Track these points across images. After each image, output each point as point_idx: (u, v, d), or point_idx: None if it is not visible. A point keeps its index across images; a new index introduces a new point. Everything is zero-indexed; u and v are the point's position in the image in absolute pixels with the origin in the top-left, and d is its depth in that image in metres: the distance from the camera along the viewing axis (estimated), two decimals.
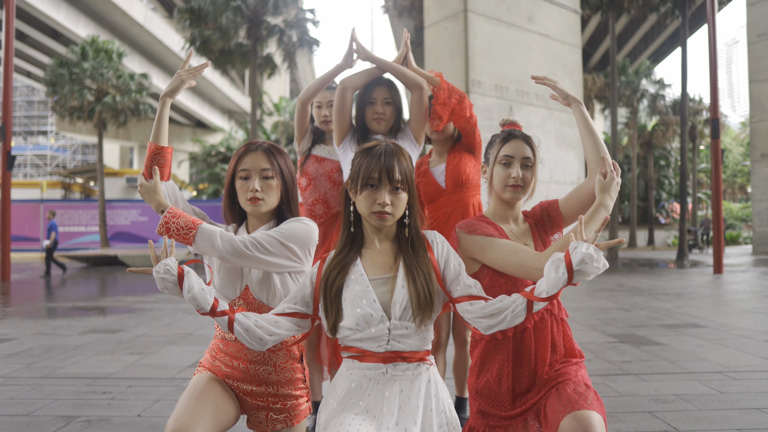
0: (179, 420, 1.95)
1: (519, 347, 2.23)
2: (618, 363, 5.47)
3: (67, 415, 3.98)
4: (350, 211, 2.12)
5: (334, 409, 1.95)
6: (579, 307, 9.73)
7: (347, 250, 2.09)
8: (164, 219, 2.12)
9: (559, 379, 2.16)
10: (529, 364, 2.21)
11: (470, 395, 2.34)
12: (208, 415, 2.03)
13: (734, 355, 5.73)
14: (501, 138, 2.40)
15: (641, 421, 3.79)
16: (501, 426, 2.22)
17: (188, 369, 5.36)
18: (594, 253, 1.82)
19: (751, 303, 10.02)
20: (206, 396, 2.11)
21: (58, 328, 7.77)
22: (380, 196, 1.99)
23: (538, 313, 2.19)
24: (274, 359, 2.26)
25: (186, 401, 2.06)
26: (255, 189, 2.23)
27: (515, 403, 2.22)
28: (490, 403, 2.25)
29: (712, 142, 17.26)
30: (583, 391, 2.05)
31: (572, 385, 2.09)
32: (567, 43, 15.62)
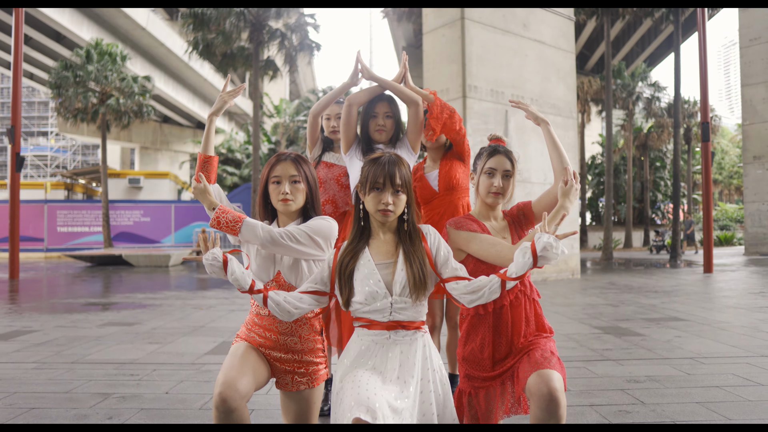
0: (227, 375, 2.44)
1: (498, 321, 2.74)
2: (600, 351, 5.95)
3: (102, 393, 4.47)
4: (360, 209, 2.61)
5: (348, 367, 2.45)
6: (570, 302, 10.21)
7: (357, 240, 2.59)
8: (215, 215, 2.63)
9: (530, 347, 2.67)
10: (506, 335, 2.72)
11: (459, 362, 2.86)
12: (248, 372, 2.53)
13: (707, 344, 6.22)
14: (487, 152, 2.93)
15: (613, 396, 4.28)
16: (483, 386, 2.74)
17: (205, 356, 5.85)
18: (554, 242, 2.32)
19: (734, 300, 10.49)
20: (246, 359, 2.61)
21: (77, 322, 8.24)
22: (384, 197, 2.49)
23: (512, 292, 2.71)
24: (299, 331, 2.75)
25: (230, 362, 2.56)
26: (285, 192, 2.73)
27: (495, 367, 2.73)
28: (474, 367, 2.76)
29: (703, 144, 17.75)
30: (549, 356, 2.56)
31: (540, 351, 2.60)
32: (561, 48, 16.07)
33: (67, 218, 31.77)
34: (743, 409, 3.95)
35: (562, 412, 2.37)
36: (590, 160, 47.83)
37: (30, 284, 14.89)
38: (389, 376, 2.39)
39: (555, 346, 2.74)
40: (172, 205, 33.09)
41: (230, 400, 2.36)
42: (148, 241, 32.20)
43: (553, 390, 2.36)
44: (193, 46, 24.66)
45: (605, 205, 25.34)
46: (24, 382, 4.79)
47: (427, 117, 3.84)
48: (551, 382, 2.39)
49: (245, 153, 42.44)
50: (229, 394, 2.37)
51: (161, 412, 3.99)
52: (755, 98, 26.84)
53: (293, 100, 60.56)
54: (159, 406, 4.14)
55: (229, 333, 7.24)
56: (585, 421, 3.77)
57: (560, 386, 2.40)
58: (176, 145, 57.55)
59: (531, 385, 2.43)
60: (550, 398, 2.35)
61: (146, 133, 54.37)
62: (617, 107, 39.16)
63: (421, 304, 2.53)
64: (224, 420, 2.36)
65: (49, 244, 31.29)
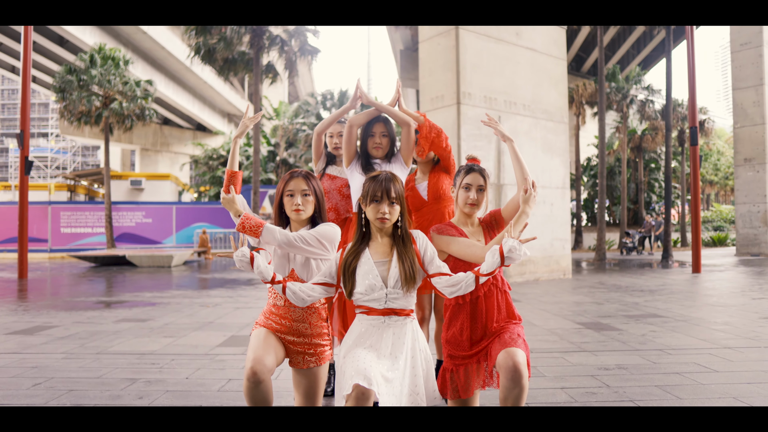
0: (256, 353, 3.04)
1: (474, 309, 3.35)
2: (578, 343, 6.51)
3: (130, 378, 5.02)
4: (362, 217, 3.23)
5: (350, 346, 3.08)
6: (558, 301, 10.75)
7: (359, 243, 3.20)
8: (241, 221, 3.22)
9: (501, 331, 3.29)
10: (481, 321, 3.33)
11: (442, 344, 3.48)
12: (272, 352, 3.13)
13: (679, 338, 6.77)
14: (464, 170, 3.56)
15: (583, 381, 4.84)
16: (462, 364, 3.34)
17: (218, 347, 6.39)
18: (517, 245, 2.93)
19: (715, 298, 11.02)
20: (267, 341, 3.20)
21: (93, 318, 8.77)
22: (382, 208, 3.11)
23: (486, 285, 3.32)
24: (309, 319, 3.35)
25: (256, 344, 3.15)
26: (298, 203, 3.33)
27: (472, 347, 3.34)
28: (455, 347, 3.37)
29: (691, 148, 18.30)
30: (515, 338, 3.17)
31: (509, 334, 3.22)
32: (552, 56, 16.60)
33: (70, 219, 32.30)
34: (695, 391, 4.50)
35: (524, 382, 2.95)
36: (586, 161, 48.41)
37: (39, 284, 15.41)
38: (383, 353, 2.99)
39: (522, 331, 3.35)
40: (173, 206, 33.65)
41: (259, 373, 2.95)
42: (149, 241, 32.75)
43: (517, 363, 2.95)
44: (195, 51, 25.20)
45: (599, 207, 25.85)
46: (58, 370, 5.33)
47: (417, 136, 4.44)
48: (515, 357, 2.98)
49: (245, 155, 42.95)
50: (259, 368, 2.96)
51: (184, 394, 4.54)
52: (746, 102, 27.42)
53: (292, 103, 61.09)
54: (182, 389, 4.69)
55: (237, 328, 7.78)
56: (555, 400, 4.32)
57: (523, 361, 2.98)
58: (176, 146, 58.11)
59: (499, 360, 3.03)
60: (515, 370, 2.94)
61: (147, 135, 54.94)
62: (612, 109, 39.71)
63: (411, 295, 3.14)
64: (254, 389, 2.94)
65: (53, 245, 31.83)
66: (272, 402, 3.06)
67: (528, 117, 15.56)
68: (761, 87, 26.82)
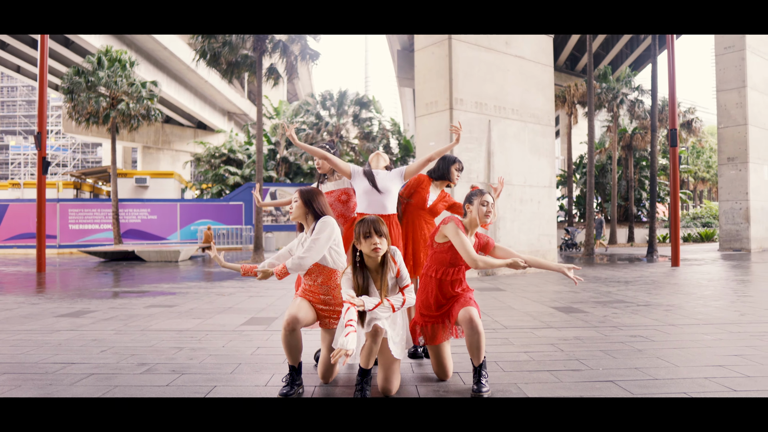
0: (291, 311, 4.33)
1: (440, 283, 4.67)
2: (547, 322, 7.68)
3: (176, 347, 6.16)
4: (357, 255, 4.39)
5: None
6: (540, 290, 11.89)
7: (360, 278, 4.36)
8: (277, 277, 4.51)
9: (459, 297, 4.61)
10: (445, 289, 4.66)
11: (416, 306, 4.81)
12: (303, 312, 4.39)
13: (635, 319, 7.93)
14: (480, 192, 4.77)
15: (543, 348, 6.00)
16: (431, 321, 4.68)
17: (242, 325, 7.55)
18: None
19: (683, 287, 12.13)
20: (302, 305, 4.46)
21: (124, 305, 9.88)
22: (374, 240, 4.26)
23: (456, 275, 4.64)
24: (333, 292, 4.60)
25: (293, 304, 4.44)
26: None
27: (437, 309, 4.66)
28: (425, 308, 4.70)
29: (671, 150, 19.42)
30: (469, 300, 4.51)
31: (464, 298, 4.56)
32: (540, 63, 17.71)
33: (78, 216, 33.32)
34: (629, 354, 5.66)
35: (480, 329, 4.27)
36: (578, 159, 49.50)
37: (59, 277, 16.46)
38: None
39: (472, 294, 4.67)
40: (177, 203, 34.67)
41: (293, 323, 4.26)
42: (155, 237, 33.81)
43: (472, 315, 4.27)
44: (200, 56, 26.16)
45: (587, 204, 26.91)
46: (115, 341, 6.48)
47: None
48: (471, 312, 4.31)
49: (246, 153, 43.95)
50: (293, 320, 4.27)
51: (224, 357, 5.68)
52: (729, 103, 28.56)
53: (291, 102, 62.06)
54: (221, 353, 5.84)
55: (255, 311, 8.92)
56: (517, 359, 5.48)
57: (476, 314, 4.31)
58: (178, 144, 59.12)
59: (459, 317, 4.37)
60: (471, 320, 4.26)
61: (149, 133, 55.94)
62: (604, 108, 40.79)
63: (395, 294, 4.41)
64: (289, 335, 4.26)
65: (61, 241, 32.85)
66: (302, 347, 4.37)
67: (516, 121, 16.67)
68: (743, 89, 27.96)
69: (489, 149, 15.88)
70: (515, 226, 16.25)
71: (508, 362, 5.37)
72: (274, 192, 35.43)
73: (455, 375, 4.89)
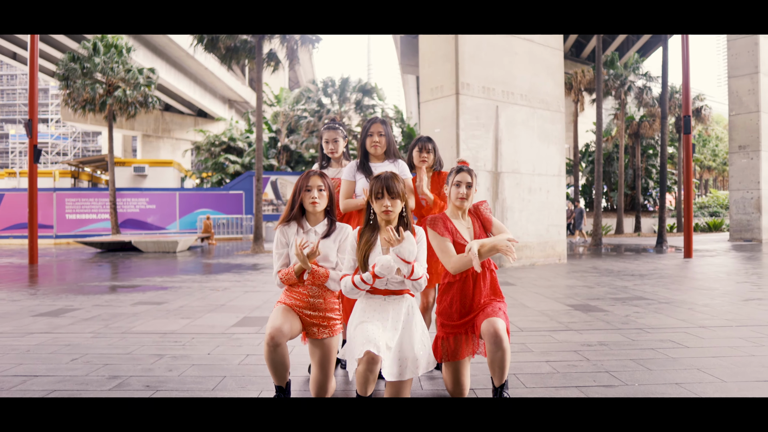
0: (274, 322, 3.67)
1: (463, 286, 3.97)
2: (565, 323, 7.04)
3: (157, 354, 5.54)
4: (370, 211, 3.81)
5: (358, 318, 3.68)
6: (551, 285, 11.27)
7: (370, 233, 3.77)
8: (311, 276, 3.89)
9: (486, 306, 3.90)
10: (469, 296, 3.97)
11: (437, 316, 4.10)
12: (288, 322, 3.73)
13: (659, 318, 7.30)
14: (455, 171, 4.13)
15: (566, 356, 5.36)
16: (453, 332, 3.98)
17: (233, 327, 6.92)
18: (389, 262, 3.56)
19: (701, 282, 11.54)
20: (285, 314, 3.80)
21: (111, 302, 9.28)
22: (384, 202, 3.66)
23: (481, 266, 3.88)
24: (324, 295, 3.93)
25: (275, 315, 3.76)
26: (314, 197, 3.91)
27: (460, 318, 3.96)
28: (446, 318, 4.01)
29: (684, 137, 18.78)
30: (497, 311, 3.79)
31: (491, 307, 3.84)
32: (549, 46, 17.03)
33: (75, 206, 32.79)
34: (664, 364, 5.02)
35: (505, 345, 3.57)
36: (584, 147, 48.88)
37: (51, 269, 15.90)
38: (387, 326, 3.59)
39: (504, 306, 3.96)
40: (176, 192, 34.11)
41: (276, 338, 3.60)
42: (153, 227, 33.26)
43: (498, 330, 3.57)
44: (198, 40, 25.55)
45: (596, 193, 26.33)
46: (90, 347, 5.86)
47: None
48: (496, 325, 3.60)
49: (246, 141, 43.35)
50: (276, 334, 3.61)
51: (209, 367, 5.05)
52: (741, 89, 27.84)
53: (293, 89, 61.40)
54: (205, 362, 5.21)
55: (248, 310, 8.30)
56: (539, 371, 4.84)
57: (503, 328, 3.60)
58: (178, 132, 58.55)
59: (483, 329, 3.65)
60: (496, 335, 3.56)
61: (148, 122, 55.38)
62: (611, 96, 40.12)
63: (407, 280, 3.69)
64: (273, 352, 3.60)
65: (58, 231, 32.33)
66: (289, 364, 3.72)
67: (525, 107, 16.02)
68: (756, 75, 27.25)
69: (496, 136, 15.24)
70: (523, 216, 15.63)
71: (529, 375, 4.74)
72: (275, 180, 34.81)
73: (471, 391, 4.26)
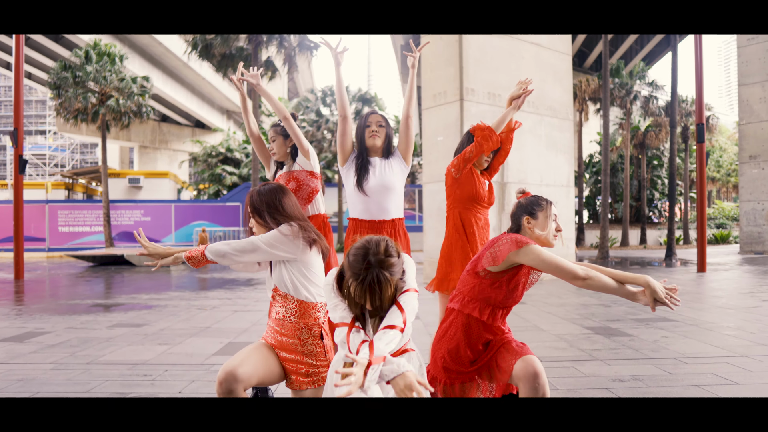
0: (230, 363, 2.83)
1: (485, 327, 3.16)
2: (588, 351, 6.24)
3: (119, 392, 4.75)
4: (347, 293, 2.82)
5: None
6: (563, 303, 10.49)
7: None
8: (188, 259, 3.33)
9: (503, 342, 3.12)
10: (485, 337, 3.15)
11: (438, 354, 3.20)
12: (251, 363, 2.90)
13: (692, 345, 6.51)
14: (544, 202, 3.36)
15: (597, 395, 4.56)
16: (459, 379, 3.12)
17: (213, 356, 6.13)
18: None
19: (724, 300, 10.77)
20: (255, 352, 3.01)
21: (87, 323, 8.51)
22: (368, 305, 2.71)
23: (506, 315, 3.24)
24: (298, 334, 3.12)
25: (239, 353, 2.96)
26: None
27: (472, 364, 3.12)
28: (453, 362, 3.13)
29: (698, 145, 18.02)
30: (523, 345, 3.04)
31: (514, 343, 3.08)
32: (557, 51, 16.32)
33: (68, 218, 32.07)
34: None
35: (546, 389, 2.86)
36: (588, 158, 48.11)
37: (35, 285, 15.16)
38: None
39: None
40: (172, 204, 33.38)
41: (227, 383, 2.75)
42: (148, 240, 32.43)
43: (538, 371, 2.85)
44: (192, 47, 24.96)
45: (602, 204, 25.62)
46: (45, 383, 5.07)
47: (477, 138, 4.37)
48: (535, 364, 2.87)
49: (244, 152, 42.64)
50: (228, 378, 2.76)
51: None
52: (752, 98, 27.14)
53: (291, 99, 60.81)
54: None
55: (234, 334, 7.52)
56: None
57: (541, 367, 2.87)
58: (175, 144, 57.85)
59: (518, 370, 2.89)
60: (536, 377, 2.83)
61: (145, 133, 54.67)
62: (615, 105, 39.44)
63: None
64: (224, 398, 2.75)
65: (50, 244, 31.60)
66: None
67: (532, 114, 15.28)
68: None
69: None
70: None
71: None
72: None
73: None
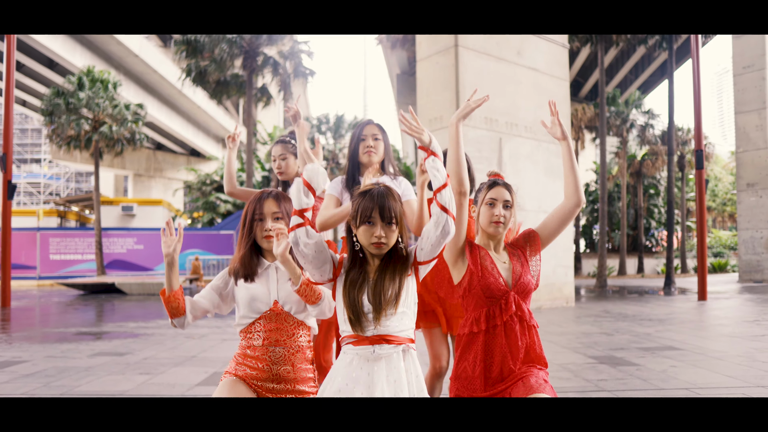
0: None
1: (491, 341, 2.78)
2: (594, 381, 5.89)
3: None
4: (353, 241, 2.57)
5: (336, 386, 2.45)
6: (564, 331, 10.15)
7: (357, 273, 2.54)
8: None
9: (525, 374, 2.71)
10: (499, 356, 2.76)
11: (450, 381, 2.88)
12: None
13: (703, 375, 6.17)
14: (488, 185, 2.97)
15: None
16: None
17: (196, 387, 5.77)
18: None
19: (729, 328, 10.46)
20: (231, 392, 2.65)
21: (67, 352, 8.14)
22: (376, 231, 2.45)
23: (506, 313, 2.79)
24: (293, 360, 2.79)
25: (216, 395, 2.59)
26: (268, 228, 2.91)
27: (486, 388, 2.74)
28: (465, 385, 2.78)
29: (697, 172, 17.80)
30: (543, 383, 2.62)
31: (534, 378, 2.66)
32: (555, 76, 16.12)
33: (59, 246, 31.67)
34: None
35: None
36: (584, 187, 47.94)
37: (22, 313, 14.78)
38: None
39: (547, 376, 2.80)
40: None
41: None
42: (141, 268, 32.07)
43: None
44: (186, 74, 24.75)
45: (599, 233, 25.37)
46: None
47: None
48: None
49: (239, 180, 42.40)
50: None
51: None
52: (748, 126, 27.02)
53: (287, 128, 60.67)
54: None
55: (221, 363, 7.16)
56: None
57: None
58: (170, 172, 57.60)
59: None
60: None
61: (140, 160, 54.41)
62: (611, 134, 39.33)
63: (406, 315, 2.53)
64: None
65: (41, 272, 31.14)
66: None
67: (530, 139, 15.03)
68: (764, 111, 26.48)
69: (500, 170, 14.21)
70: None
71: None
72: None
73: None
